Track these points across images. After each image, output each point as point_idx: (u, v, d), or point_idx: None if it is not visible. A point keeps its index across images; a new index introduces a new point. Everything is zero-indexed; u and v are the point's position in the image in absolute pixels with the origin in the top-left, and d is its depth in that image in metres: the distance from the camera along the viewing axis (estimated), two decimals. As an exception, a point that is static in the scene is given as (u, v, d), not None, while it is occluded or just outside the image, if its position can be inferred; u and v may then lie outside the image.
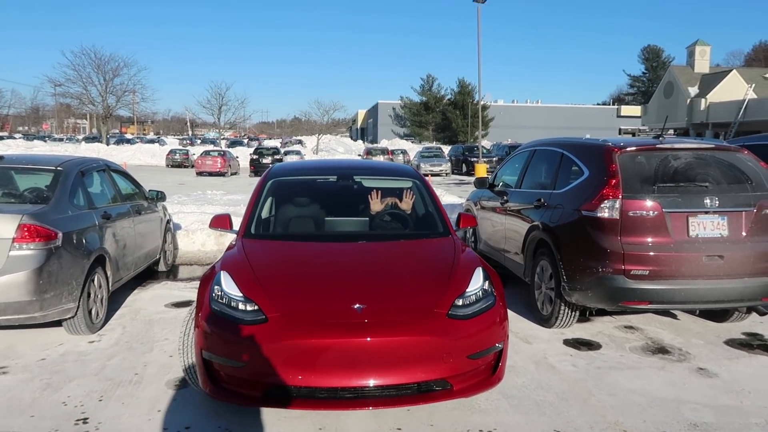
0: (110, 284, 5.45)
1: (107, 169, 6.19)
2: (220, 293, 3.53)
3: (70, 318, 4.76)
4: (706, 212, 4.53)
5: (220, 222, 4.71)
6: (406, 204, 4.93)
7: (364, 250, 4.30)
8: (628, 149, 4.76)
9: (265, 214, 4.83)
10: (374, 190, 4.93)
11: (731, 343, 4.93)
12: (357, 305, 3.39)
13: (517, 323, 5.40)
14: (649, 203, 4.50)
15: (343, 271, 3.91)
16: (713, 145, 4.95)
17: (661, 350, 4.76)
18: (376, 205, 4.87)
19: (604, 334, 5.14)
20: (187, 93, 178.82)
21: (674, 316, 5.62)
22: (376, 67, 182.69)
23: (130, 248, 6.02)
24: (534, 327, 5.33)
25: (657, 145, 4.81)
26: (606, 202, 4.57)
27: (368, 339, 3.21)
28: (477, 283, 3.69)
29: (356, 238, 4.51)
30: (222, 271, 3.70)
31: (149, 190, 7.19)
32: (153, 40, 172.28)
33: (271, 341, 3.22)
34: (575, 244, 4.84)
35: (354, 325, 3.27)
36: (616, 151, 4.75)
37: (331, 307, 3.44)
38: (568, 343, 4.93)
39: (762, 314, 5.05)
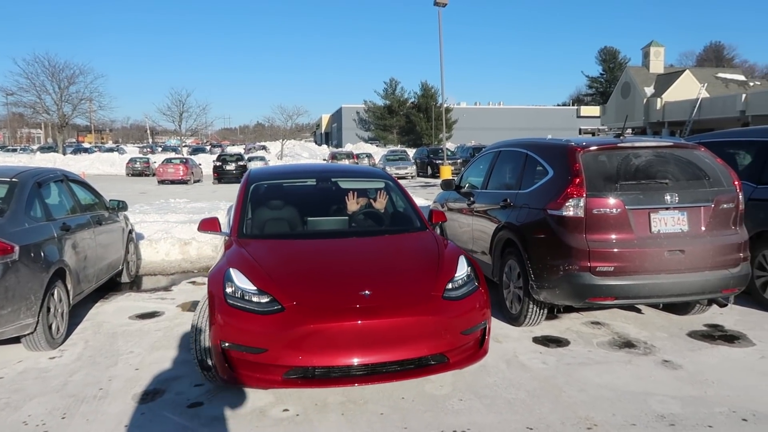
0: (71, 298, 5.28)
1: (65, 179, 6.01)
2: (233, 288, 3.79)
3: (29, 334, 4.59)
4: (667, 208, 4.64)
5: (210, 225, 4.99)
6: (380, 203, 5.34)
7: (357, 244, 4.69)
8: (591, 149, 4.85)
9: (253, 215, 5.08)
10: (351, 191, 5.34)
11: (694, 335, 5.06)
12: (364, 291, 3.76)
13: (486, 323, 5.43)
14: (612, 201, 4.59)
15: (343, 262, 4.28)
16: (672, 143, 5.08)
17: (628, 344, 4.86)
18: (353, 205, 5.27)
19: (572, 331, 5.22)
20: (147, 100, 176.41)
21: (639, 311, 5.75)
22: (340, 71, 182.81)
23: (91, 260, 5.85)
24: (504, 326, 5.38)
25: (618, 144, 4.91)
26: (571, 200, 4.65)
27: (378, 320, 3.58)
28: (462, 269, 4.17)
29: (346, 235, 4.92)
30: (231, 269, 3.95)
31: (110, 200, 7.01)
32: (110, 47, 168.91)
33: (289, 328, 3.54)
34: (542, 242, 4.91)
35: (365, 309, 3.64)
36: (579, 151, 4.83)
37: (341, 293, 3.79)
38: (537, 340, 4.99)
39: (722, 306, 5.20)
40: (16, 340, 4.65)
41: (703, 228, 4.69)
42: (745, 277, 4.79)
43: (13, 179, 4.98)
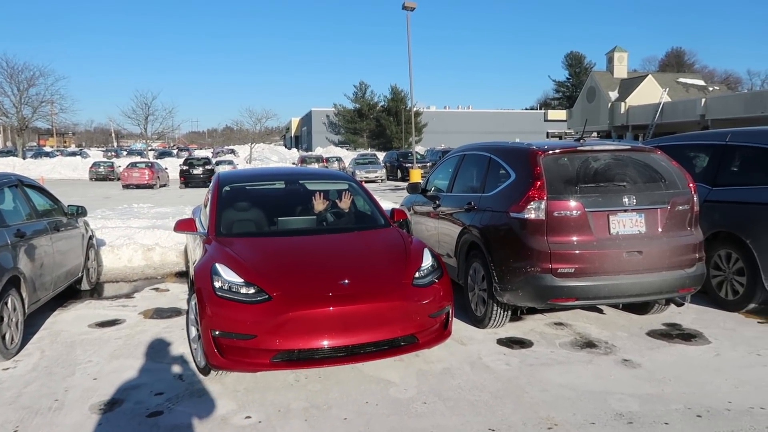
0: (26, 306, 5.11)
1: (20, 184, 5.83)
2: (221, 282, 4.08)
3: (-20, 345, 4.43)
4: (625, 210, 4.74)
5: (186, 225, 5.23)
6: (345, 203, 5.67)
7: (329, 240, 5.06)
8: (551, 152, 4.92)
9: (227, 216, 5.30)
10: (317, 192, 5.66)
11: (653, 334, 5.17)
12: (343, 281, 4.13)
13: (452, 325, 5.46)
14: (572, 203, 4.67)
15: (318, 256, 4.61)
16: (629, 147, 5.20)
17: (589, 344, 4.94)
18: (319, 204, 5.58)
19: (536, 332, 5.28)
20: (111, 103, 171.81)
21: (600, 311, 5.85)
22: (309, 74, 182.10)
23: (48, 267, 5.69)
24: (469, 328, 5.42)
25: (578, 148, 5.00)
26: (532, 203, 4.71)
27: (356, 306, 3.96)
28: (428, 260, 4.58)
29: (318, 232, 5.30)
30: (217, 264, 4.23)
31: (68, 206, 6.83)
32: (71, 49, 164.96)
33: (275, 315, 3.86)
34: (504, 245, 4.96)
35: (344, 296, 4.01)
36: (540, 154, 4.90)
37: (322, 283, 4.12)
38: (501, 342, 5.04)
39: (679, 305, 5.33)
40: (-33, 351, 4.49)
41: (659, 229, 4.80)
42: (701, 276, 4.91)
43: (-36, 185, 4.81)
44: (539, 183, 4.72)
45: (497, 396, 3.94)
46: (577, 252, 4.63)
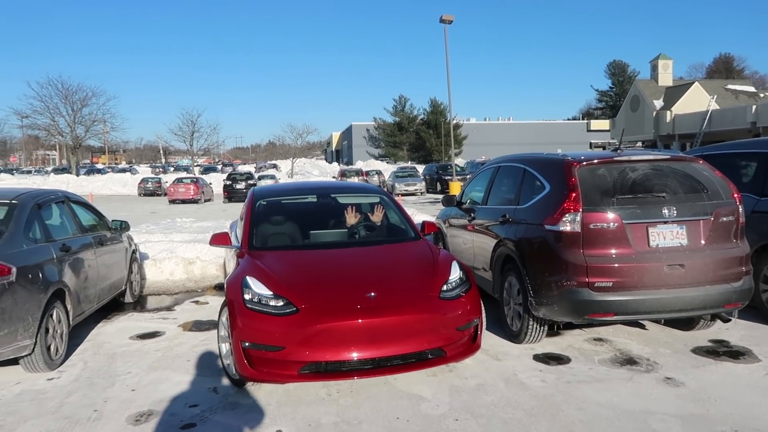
0: (71, 319, 5.29)
1: (66, 200, 6.07)
2: (251, 294, 4.15)
3: (26, 355, 4.60)
4: (665, 222, 4.58)
5: (221, 239, 5.43)
6: (377, 217, 5.69)
7: (359, 253, 5.08)
8: (587, 163, 4.81)
9: (261, 229, 5.38)
10: (350, 206, 5.71)
11: (698, 351, 4.96)
12: (369, 293, 4.14)
13: (487, 340, 5.36)
14: (609, 215, 4.54)
15: (347, 269, 4.67)
16: (669, 156, 5.03)
17: (630, 361, 4.77)
18: (351, 218, 5.60)
19: (574, 348, 5.14)
20: (159, 120, 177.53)
21: (642, 326, 5.66)
22: (349, 89, 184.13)
23: (92, 280, 5.87)
24: (504, 343, 5.32)
25: (614, 158, 4.87)
26: (567, 215, 4.60)
27: (383, 318, 3.96)
28: (456, 272, 4.55)
29: (348, 245, 5.29)
30: (247, 276, 4.31)
31: (112, 220, 7.06)
32: (121, 69, 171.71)
33: (303, 327, 3.91)
34: (540, 258, 4.86)
35: (371, 308, 4.02)
36: (575, 165, 4.80)
37: (349, 295, 4.16)
38: (537, 358, 4.92)
39: (725, 321, 5.11)
40: (14, 360, 4.66)
41: (702, 242, 4.62)
42: (748, 291, 4.70)
43: (13, 201, 5.03)
44: (574, 194, 4.62)
45: (531, 414, 3.84)
46: (614, 265, 4.50)
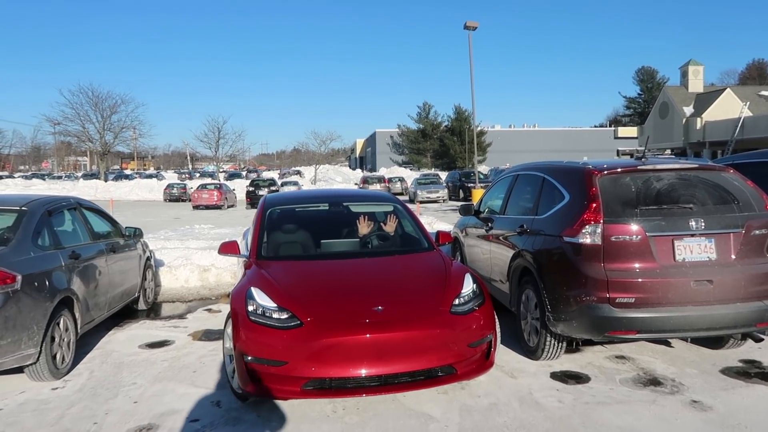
0: (79, 327, 5.23)
1: (79, 207, 6.03)
2: (255, 306, 4.01)
3: (31, 364, 4.54)
4: (693, 235, 4.33)
5: (229, 248, 5.25)
6: (390, 226, 5.53)
7: (369, 264, 4.89)
8: (608, 172, 4.58)
9: (270, 238, 5.26)
10: (362, 215, 5.54)
11: (727, 371, 4.68)
12: (377, 307, 3.96)
13: (503, 356, 5.16)
14: (631, 227, 4.31)
15: (356, 281, 4.49)
16: (697, 165, 4.77)
17: (653, 382, 4.52)
18: (364, 228, 5.46)
19: (594, 366, 4.90)
20: (186, 127, 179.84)
21: (668, 344, 5.38)
22: (373, 96, 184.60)
23: (102, 288, 5.82)
24: (521, 359, 5.09)
25: (638, 167, 4.64)
26: (587, 227, 4.38)
27: (390, 333, 3.77)
28: (468, 286, 4.35)
29: (358, 255, 5.10)
30: (252, 287, 4.17)
31: (126, 227, 7.02)
32: (149, 76, 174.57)
33: (307, 341, 3.75)
34: (558, 271, 4.64)
35: (377, 323, 3.83)
36: (596, 174, 4.58)
37: (355, 309, 3.98)
38: (555, 376, 4.69)
39: (757, 341, 4.82)
40: (20, 369, 4.60)
41: (733, 256, 4.35)
42: (782, 309, 4.40)
43: (23, 208, 5.00)
44: (595, 205, 4.40)
45: (546, 437, 3.63)
46: (637, 280, 4.25)
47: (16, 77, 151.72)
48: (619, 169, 4.65)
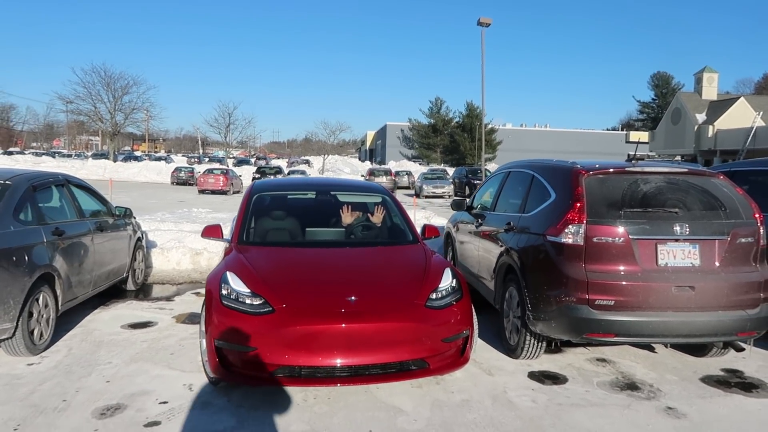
0: (60, 304, 5.22)
1: (67, 183, 6.01)
2: (228, 290, 4.00)
3: (6, 339, 4.53)
4: (676, 240, 4.25)
5: (212, 231, 5.26)
6: (377, 217, 5.48)
7: (349, 254, 4.89)
8: (595, 172, 4.51)
9: (254, 224, 5.27)
10: (345, 205, 5.50)
11: (707, 380, 4.61)
12: (350, 297, 3.94)
13: (483, 353, 5.12)
14: (615, 229, 4.24)
15: (333, 270, 4.46)
16: (686, 170, 4.68)
17: (631, 386, 4.45)
18: (347, 217, 5.41)
19: (574, 367, 4.84)
20: (196, 112, 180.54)
21: (651, 349, 5.31)
22: (386, 89, 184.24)
23: (87, 266, 5.81)
24: (501, 357, 5.04)
25: (626, 168, 4.56)
26: (570, 227, 4.31)
27: (362, 324, 3.75)
28: (447, 280, 4.30)
29: (340, 245, 5.11)
30: (228, 272, 4.15)
31: (116, 207, 7.01)
32: (162, 59, 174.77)
33: (277, 328, 3.72)
34: (540, 270, 4.58)
35: (350, 314, 3.80)
36: (582, 174, 4.50)
37: (329, 298, 3.95)
38: (533, 376, 4.64)
39: (738, 350, 4.74)
40: (-3, 343, 4.60)
41: (717, 263, 4.27)
42: (765, 319, 4.32)
43: (6, 182, 4.98)
44: (579, 205, 4.33)
45: (513, 437, 3.58)
46: (618, 283, 4.19)
47: (30, 53, 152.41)
48: (606, 170, 4.57)
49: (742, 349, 4.70)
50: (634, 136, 69.32)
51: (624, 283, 4.19)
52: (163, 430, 3.58)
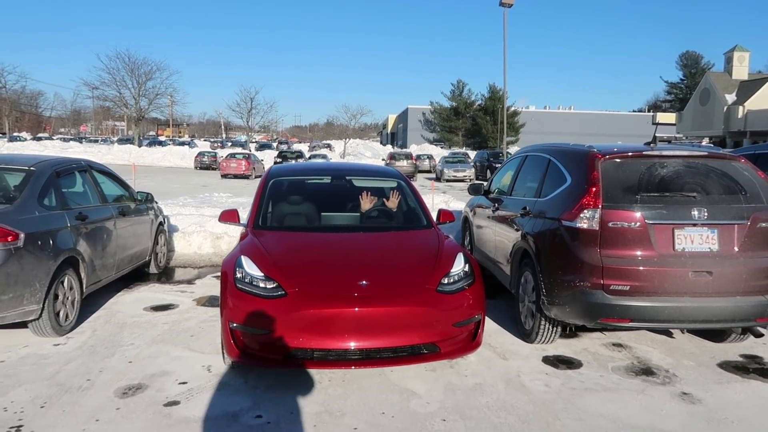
0: (84, 286, 5.37)
1: (89, 169, 6.14)
2: (242, 274, 4.08)
3: (33, 320, 4.69)
4: (694, 224, 4.20)
5: (229, 216, 5.35)
6: (393, 203, 5.50)
7: (362, 238, 4.92)
8: (611, 156, 4.46)
9: (269, 209, 5.33)
10: (365, 191, 5.51)
11: (725, 365, 4.57)
12: (362, 282, 3.99)
13: (498, 337, 5.14)
14: (631, 214, 4.19)
15: (346, 255, 4.51)
16: (706, 153, 4.60)
17: (646, 371, 4.44)
18: (366, 203, 5.44)
19: (589, 352, 4.84)
20: (219, 96, 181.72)
21: (669, 334, 5.27)
22: (407, 72, 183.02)
23: (111, 250, 5.95)
24: (515, 342, 5.06)
25: (644, 152, 4.50)
26: (585, 211, 4.28)
27: (373, 308, 3.80)
28: (459, 265, 4.32)
29: (353, 230, 5.14)
30: (242, 256, 4.24)
31: (138, 192, 7.14)
32: (184, 44, 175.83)
33: (290, 312, 3.79)
34: (554, 255, 4.56)
35: (361, 298, 3.86)
36: (599, 158, 4.46)
37: (341, 283, 4.01)
38: (547, 360, 4.65)
39: (758, 336, 4.68)
40: (26, 324, 4.76)
41: (736, 248, 4.21)
42: (785, 305, 4.25)
43: (31, 168, 5.11)
44: (594, 189, 4.29)
45: (525, 420, 3.61)
46: (633, 268, 4.16)
47: (56, 37, 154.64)
48: (625, 154, 4.52)
49: (762, 335, 4.64)
50: (662, 117, 67.95)
51: (640, 268, 4.15)
52: (182, 409, 3.68)
